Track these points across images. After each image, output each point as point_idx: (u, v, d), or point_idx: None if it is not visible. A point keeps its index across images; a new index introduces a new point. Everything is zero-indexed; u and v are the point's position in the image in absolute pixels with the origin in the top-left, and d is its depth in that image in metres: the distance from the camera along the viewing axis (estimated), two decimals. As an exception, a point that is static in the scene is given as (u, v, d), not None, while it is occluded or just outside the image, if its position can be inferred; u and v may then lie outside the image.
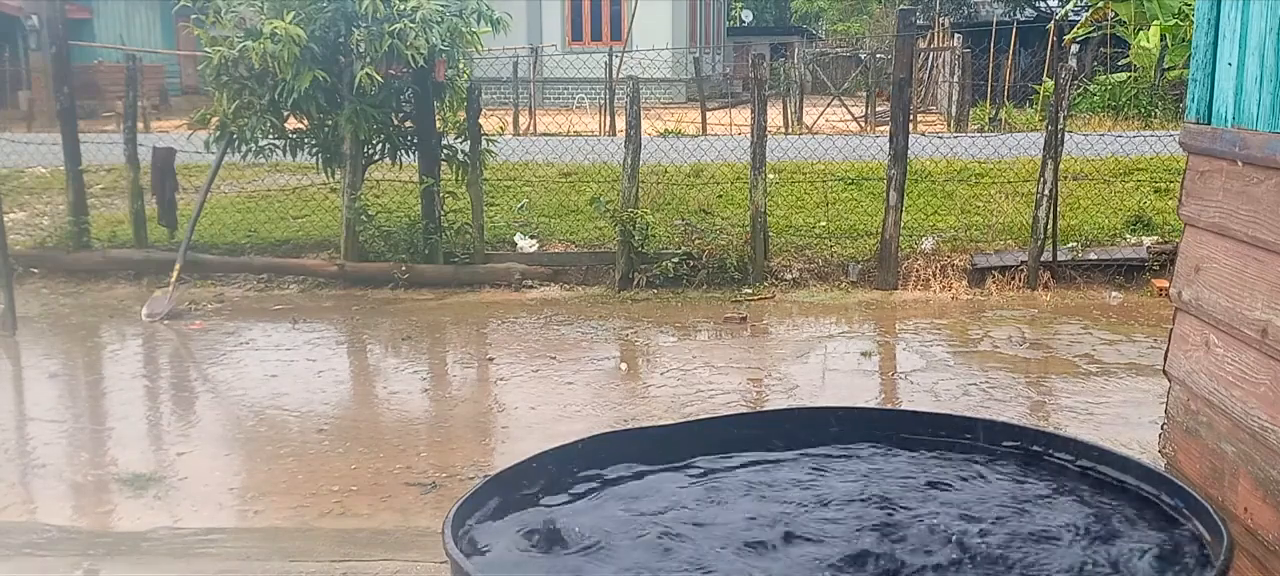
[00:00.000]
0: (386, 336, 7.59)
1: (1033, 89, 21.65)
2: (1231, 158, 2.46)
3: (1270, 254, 2.31)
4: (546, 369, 6.69)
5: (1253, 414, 2.37)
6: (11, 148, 12.46)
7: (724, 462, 2.30)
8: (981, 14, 35.39)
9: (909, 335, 7.55)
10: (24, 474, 5.11)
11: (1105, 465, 2.22)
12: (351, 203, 8.88)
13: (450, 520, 1.91)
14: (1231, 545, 1.82)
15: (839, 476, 2.24)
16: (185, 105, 22.37)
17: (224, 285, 8.92)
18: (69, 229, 9.31)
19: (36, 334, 7.62)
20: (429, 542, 4.23)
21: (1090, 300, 8.28)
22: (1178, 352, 2.74)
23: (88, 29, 25.06)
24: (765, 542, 1.94)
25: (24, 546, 4.36)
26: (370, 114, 8.69)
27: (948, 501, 2.09)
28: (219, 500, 4.80)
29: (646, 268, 8.65)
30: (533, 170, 12.07)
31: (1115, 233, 9.19)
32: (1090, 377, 6.44)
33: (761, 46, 32.23)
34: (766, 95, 9.23)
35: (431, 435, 5.65)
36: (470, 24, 8.95)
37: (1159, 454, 2.87)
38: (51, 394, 6.44)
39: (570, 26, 30.00)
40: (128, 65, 10.02)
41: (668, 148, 13.05)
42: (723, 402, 6.00)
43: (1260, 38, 2.35)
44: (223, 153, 8.91)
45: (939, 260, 8.80)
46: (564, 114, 21.32)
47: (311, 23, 8.33)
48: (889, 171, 8.72)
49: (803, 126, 20.20)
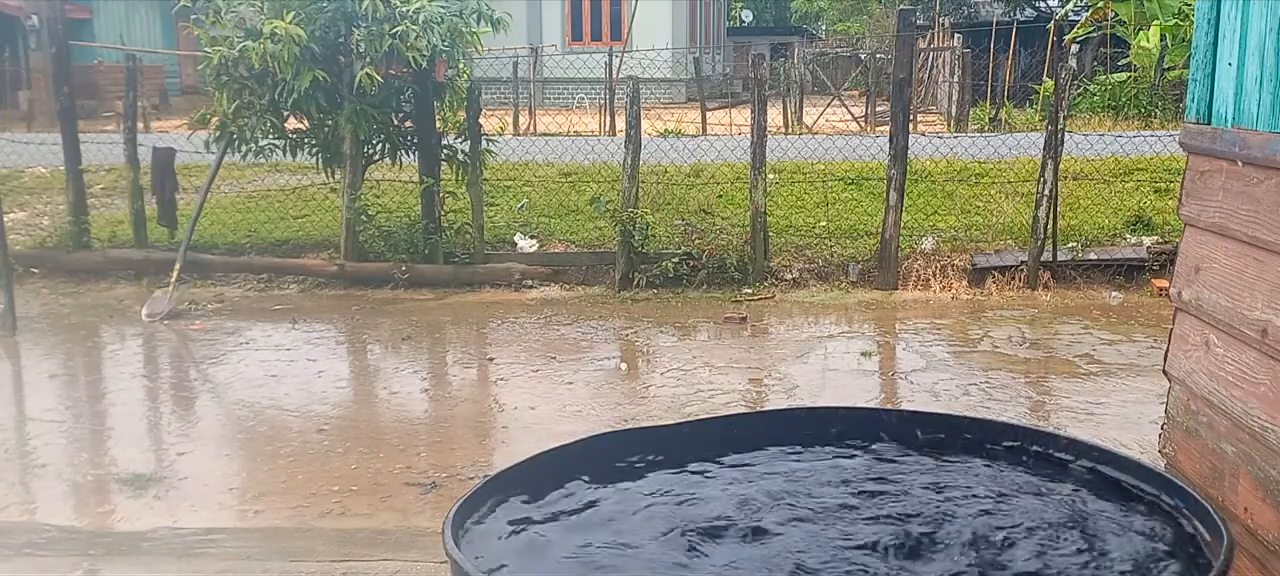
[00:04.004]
0: (386, 336, 7.59)
1: (1033, 89, 21.64)
2: (1231, 158, 2.46)
3: (1270, 254, 2.31)
4: (546, 369, 6.69)
5: (1253, 414, 2.37)
6: (11, 148, 12.45)
7: (725, 462, 2.31)
8: (981, 14, 35.39)
9: (909, 335, 7.55)
10: (24, 474, 5.11)
11: (1105, 465, 2.22)
12: (351, 203, 8.87)
13: (450, 520, 1.91)
14: (1231, 545, 1.82)
15: (840, 476, 2.24)
16: (185, 105, 22.38)
17: (224, 285, 8.92)
18: (69, 229, 9.31)
19: (36, 334, 7.62)
20: (429, 542, 4.23)
21: (1090, 300, 8.28)
22: (1178, 352, 2.74)
23: (88, 29, 25.06)
24: (765, 542, 1.94)
25: (24, 546, 4.36)
26: (370, 114, 8.69)
27: (947, 501, 2.09)
28: (219, 500, 4.79)
29: (646, 268, 8.65)
30: (533, 170, 12.07)
31: (1115, 233, 9.19)
32: (1090, 377, 6.44)
33: (761, 46, 32.24)
34: (766, 95, 9.23)
35: (431, 435, 5.65)
36: (470, 24, 8.95)
37: (1159, 454, 2.87)
38: (51, 394, 6.44)
39: (570, 26, 30.00)
40: (128, 65, 10.02)
41: (668, 148, 13.05)
42: (723, 402, 6.00)
43: (1260, 38, 2.35)
44: (223, 153, 8.91)
45: (939, 260, 8.80)
46: (564, 114, 21.33)
47: (312, 23, 8.33)
48: (889, 171, 8.72)
49: (803, 126, 20.20)
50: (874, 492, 2.14)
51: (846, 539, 1.95)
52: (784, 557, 1.89)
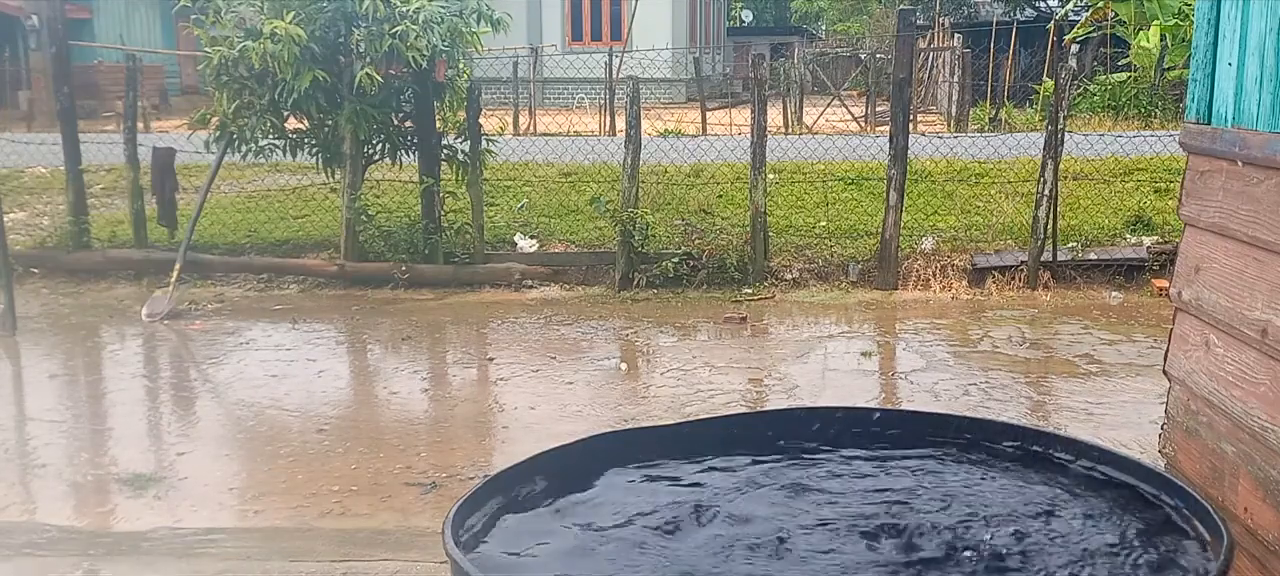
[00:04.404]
0: (386, 336, 7.59)
1: (1033, 89, 21.64)
2: (1231, 158, 2.46)
3: (1270, 254, 2.31)
4: (546, 369, 6.69)
5: (1253, 414, 2.37)
6: (11, 148, 12.45)
7: (725, 462, 2.31)
8: (981, 14, 35.40)
9: (909, 335, 7.55)
10: (24, 474, 5.11)
11: (1105, 465, 2.22)
12: (351, 203, 8.88)
13: (450, 520, 1.91)
14: (1231, 545, 1.82)
15: (839, 476, 2.24)
16: (185, 105, 22.38)
17: (224, 285, 8.92)
18: (69, 229, 9.31)
19: (36, 334, 7.62)
20: (429, 542, 4.23)
21: (1090, 300, 8.28)
22: (1178, 352, 2.74)
23: (88, 29, 25.06)
24: (766, 541, 1.94)
25: (24, 546, 4.36)
26: (370, 114, 8.69)
27: (947, 500, 2.09)
28: (219, 500, 4.79)
29: (646, 268, 8.65)
30: (533, 170, 12.07)
31: (1115, 233, 9.19)
32: (1090, 377, 6.44)
33: (761, 46, 32.24)
34: (766, 95, 9.22)
35: (431, 435, 5.65)
36: (470, 24, 8.95)
37: (1159, 454, 2.87)
38: (51, 394, 6.44)
39: (570, 26, 30.01)
40: (128, 65, 10.02)
41: (668, 148, 13.05)
42: (723, 402, 6.00)
43: (1260, 38, 2.35)
44: (223, 153, 8.91)
45: (939, 260, 8.80)
46: (564, 114, 21.33)
47: (312, 23, 8.33)
48: (889, 171, 8.72)
49: (803, 126, 20.20)
50: (874, 492, 2.14)
51: (847, 539, 1.95)
52: (784, 556, 1.89)
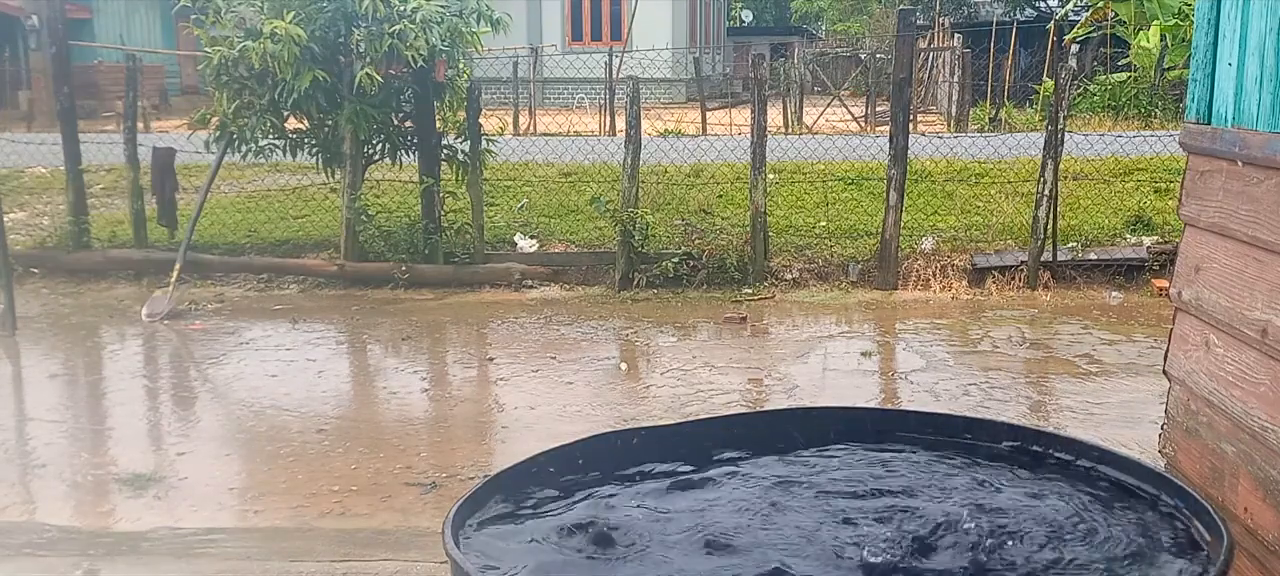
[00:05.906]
0: (386, 336, 7.59)
1: (1033, 89, 21.65)
2: (1231, 158, 2.46)
3: (1270, 254, 2.31)
4: (546, 369, 6.69)
5: (1253, 414, 2.37)
6: (11, 148, 12.45)
7: (725, 463, 2.31)
8: (981, 14, 35.42)
9: (909, 335, 7.55)
10: (24, 474, 5.11)
11: (1105, 465, 2.22)
12: (351, 203, 8.87)
13: (450, 520, 1.91)
14: (1231, 545, 1.82)
15: (839, 477, 2.24)
16: (185, 105, 22.39)
17: (224, 285, 8.92)
18: (69, 229, 9.31)
19: (36, 334, 7.62)
20: (429, 542, 4.23)
21: (1090, 300, 8.28)
22: (1178, 352, 2.74)
23: (88, 29, 25.07)
24: (765, 542, 1.94)
25: (24, 546, 4.36)
26: (370, 114, 8.69)
27: (946, 500, 2.09)
28: (219, 500, 4.79)
29: (646, 268, 8.65)
30: (533, 170, 12.07)
31: (1115, 233, 9.19)
32: (1090, 377, 6.44)
33: (761, 46, 32.24)
34: (766, 95, 9.22)
35: (431, 435, 5.65)
36: (470, 24, 8.96)
37: (1159, 454, 2.87)
38: (51, 394, 6.44)
39: (570, 26, 30.01)
40: (128, 65, 10.02)
41: (668, 148, 13.05)
42: (723, 402, 6.00)
43: (1260, 38, 2.35)
44: (223, 153, 8.91)
45: (939, 260, 8.80)
46: (564, 114, 21.33)
47: (311, 23, 8.33)
48: (889, 171, 8.72)
49: (803, 126, 20.20)
50: (874, 492, 2.14)
51: (846, 539, 1.95)
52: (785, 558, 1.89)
